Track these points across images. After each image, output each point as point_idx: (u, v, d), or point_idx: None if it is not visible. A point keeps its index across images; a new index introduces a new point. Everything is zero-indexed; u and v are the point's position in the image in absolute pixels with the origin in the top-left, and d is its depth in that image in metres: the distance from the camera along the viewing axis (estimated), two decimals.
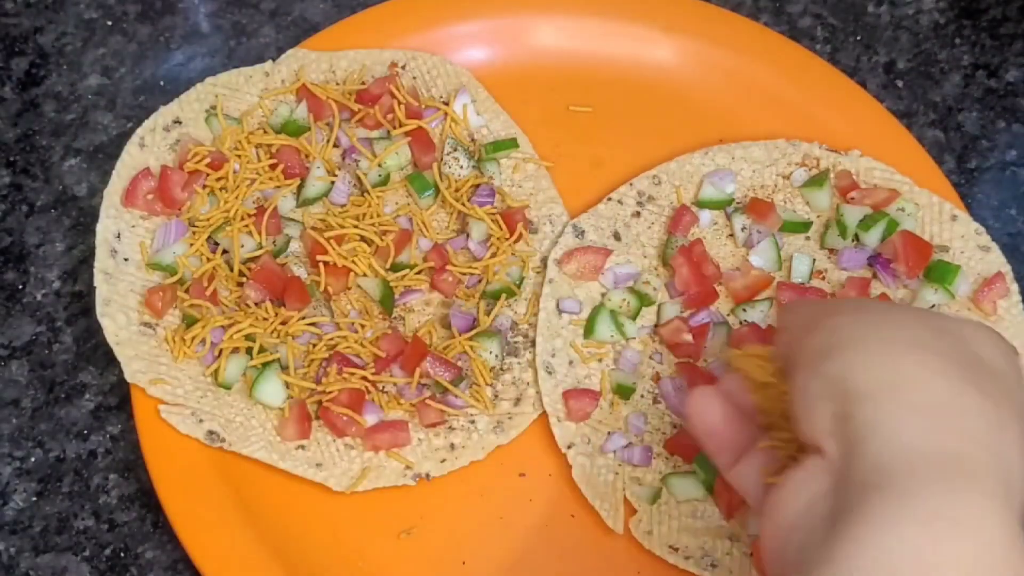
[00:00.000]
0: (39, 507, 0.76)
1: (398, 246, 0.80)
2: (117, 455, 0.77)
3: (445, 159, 0.84)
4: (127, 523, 0.75)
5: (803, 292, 0.79)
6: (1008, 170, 0.91)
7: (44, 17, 0.95)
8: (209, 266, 0.78)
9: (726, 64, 0.89)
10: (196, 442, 0.73)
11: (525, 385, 0.78)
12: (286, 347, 0.76)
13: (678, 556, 0.72)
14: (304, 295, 0.77)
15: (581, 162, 0.87)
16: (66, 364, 0.80)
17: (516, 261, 0.81)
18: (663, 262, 0.81)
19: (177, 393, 0.74)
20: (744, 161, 0.85)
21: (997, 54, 0.96)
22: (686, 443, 0.74)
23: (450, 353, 0.77)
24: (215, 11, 0.96)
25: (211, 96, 0.84)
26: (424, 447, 0.75)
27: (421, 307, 0.80)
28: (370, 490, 0.73)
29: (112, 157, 0.82)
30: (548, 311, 0.79)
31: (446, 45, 0.89)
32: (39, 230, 0.86)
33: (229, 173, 0.81)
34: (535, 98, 0.89)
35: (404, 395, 0.76)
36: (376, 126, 0.85)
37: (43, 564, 0.74)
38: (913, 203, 0.82)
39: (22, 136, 0.90)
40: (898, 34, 0.97)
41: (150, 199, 0.79)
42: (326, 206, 0.82)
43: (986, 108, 0.93)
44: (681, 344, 0.78)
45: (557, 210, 0.84)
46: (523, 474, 0.76)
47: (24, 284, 0.83)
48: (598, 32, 0.91)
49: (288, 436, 0.74)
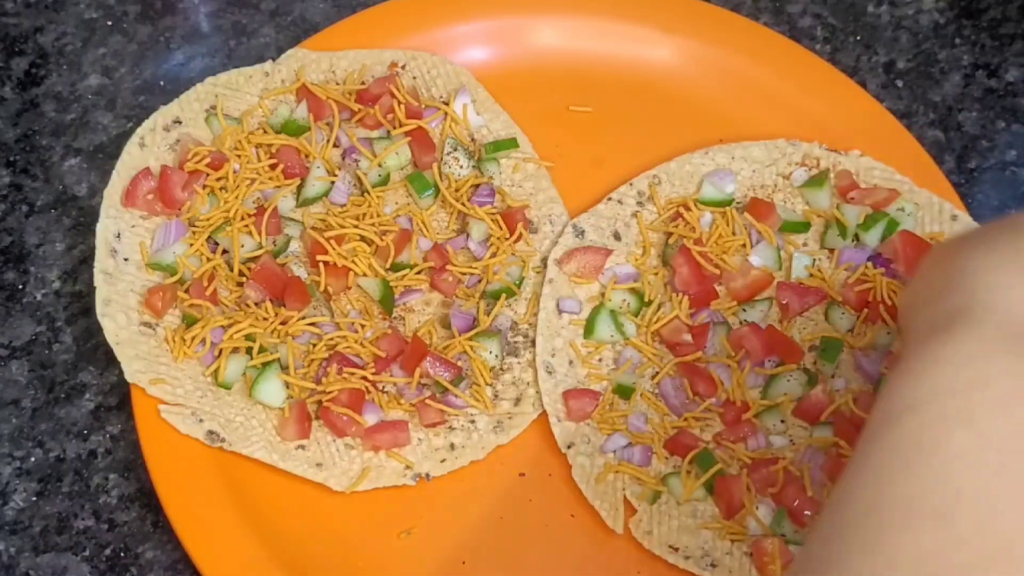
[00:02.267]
0: (39, 507, 0.76)
1: (398, 246, 0.80)
2: (117, 455, 0.77)
3: (445, 159, 0.84)
4: (127, 523, 0.75)
5: (803, 292, 0.79)
6: (1008, 170, 0.91)
7: (44, 17, 0.95)
8: (209, 266, 0.78)
9: (726, 64, 0.89)
10: (196, 442, 0.73)
11: (525, 385, 0.77)
12: (286, 347, 0.76)
13: (678, 556, 0.72)
14: (304, 295, 0.77)
15: (581, 162, 0.87)
16: (66, 364, 0.80)
17: (516, 261, 0.81)
18: (663, 262, 0.81)
19: (177, 393, 0.74)
20: (744, 161, 0.85)
21: (997, 54, 0.96)
22: (686, 443, 0.74)
23: (450, 353, 0.77)
24: (215, 11, 0.96)
25: (211, 96, 0.84)
26: (424, 447, 0.75)
27: (421, 307, 0.80)
28: (370, 490, 0.73)
29: (112, 157, 0.82)
30: (548, 311, 0.79)
31: (446, 45, 0.89)
32: (39, 230, 0.86)
33: (229, 173, 0.81)
34: (535, 98, 0.89)
35: (404, 395, 0.76)
36: (376, 126, 0.85)
37: (43, 564, 0.74)
38: (913, 203, 0.82)
39: (22, 136, 0.90)
40: (898, 34, 0.97)
41: (150, 199, 0.79)
42: (326, 206, 0.82)
43: (986, 108, 0.93)
44: (681, 344, 0.78)
45: (557, 210, 0.84)
46: (523, 474, 0.76)
47: (24, 284, 0.83)
48: (598, 32, 0.91)
49: (288, 436, 0.74)
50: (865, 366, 0.77)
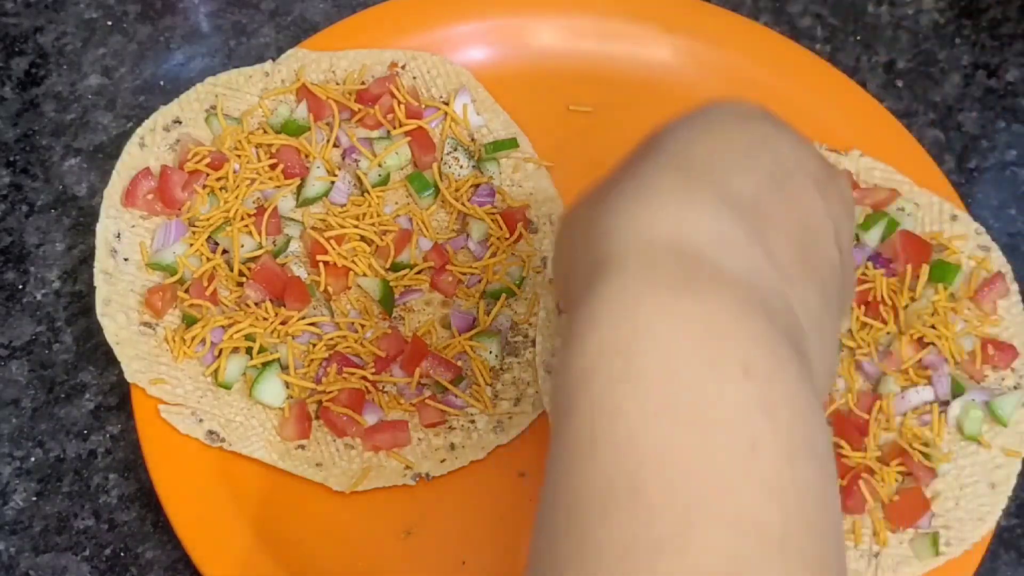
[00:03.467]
0: (39, 507, 0.76)
1: (398, 246, 0.80)
2: (117, 455, 0.77)
3: (445, 159, 0.84)
4: (127, 523, 0.75)
5: None
6: (1008, 170, 0.91)
7: (44, 17, 0.95)
8: (209, 266, 0.78)
9: (726, 64, 0.89)
10: (196, 442, 0.73)
11: (525, 385, 0.78)
12: (286, 347, 0.76)
13: None
14: (304, 295, 0.77)
15: (581, 162, 0.86)
16: (66, 364, 0.80)
17: (516, 261, 0.81)
18: None
19: (177, 393, 0.74)
20: None
21: (997, 54, 0.96)
22: None
23: (450, 353, 0.77)
24: (215, 11, 0.96)
25: (211, 96, 0.84)
26: (424, 447, 0.75)
27: (421, 307, 0.80)
28: (370, 490, 0.73)
29: (112, 157, 0.82)
30: (548, 311, 0.79)
31: (446, 45, 0.89)
32: (39, 230, 0.86)
33: (229, 173, 0.81)
34: (535, 98, 0.88)
35: (404, 395, 0.76)
36: (376, 126, 0.85)
37: (43, 564, 0.74)
38: (913, 203, 0.82)
39: (22, 136, 0.90)
40: (898, 34, 0.97)
41: (150, 199, 0.79)
42: (326, 206, 0.82)
43: (986, 108, 0.93)
44: None
45: (557, 210, 0.84)
46: (523, 474, 0.76)
47: (24, 284, 0.83)
48: (598, 32, 0.90)
49: (288, 436, 0.74)
50: (865, 366, 0.77)
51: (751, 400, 0.42)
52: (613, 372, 0.43)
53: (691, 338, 0.43)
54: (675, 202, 0.48)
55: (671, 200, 0.48)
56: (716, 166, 0.51)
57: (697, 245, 0.46)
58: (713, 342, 0.43)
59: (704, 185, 0.50)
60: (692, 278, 0.45)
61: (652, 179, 0.50)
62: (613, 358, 0.43)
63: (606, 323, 0.44)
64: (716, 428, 0.42)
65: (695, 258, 0.46)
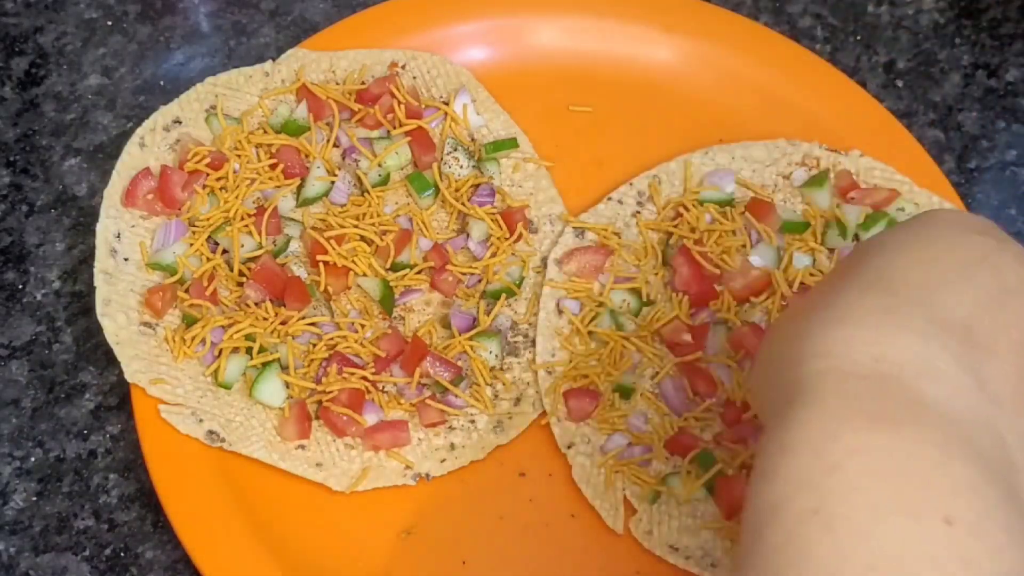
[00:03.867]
0: (39, 507, 0.76)
1: (398, 246, 0.80)
2: (117, 455, 0.77)
3: (445, 159, 0.84)
4: (127, 523, 0.75)
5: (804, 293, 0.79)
6: (1008, 170, 0.91)
7: (44, 17, 0.95)
8: (209, 266, 0.78)
9: (726, 64, 0.89)
10: (196, 442, 0.73)
11: (525, 385, 0.78)
12: (286, 347, 0.76)
13: (678, 556, 0.72)
14: (304, 295, 0.77)
15: (581, 162, 0.87)
16: (66, 364, 0.80)
17: (516, 261, 0.81)
18: (663, 262, 0.81)
19: (177, 393, 0.74)
20: (744, 161, 0.85)
21: (997, 54, 0.96)
22: (686, 443, 0.74)
23: (450, 353, 0.77)
24: (215, 11, 0.96)
25: (211, 96, 0.84)
26: (424, 447, 0.75)
27: (421, 307, 0.80)
28: (370, 490, 0.73)
29: (112, 157, 0.82)
30: (548, 311, 0.79)
31: (446, 45, 0.89)
32: (39, 230, 0.86)
33: (229, 173, 0.81)
34: (535, 98, 0.89)
35: (404, 395, 0.76)
36: (376, 126, 0.85)
37: (43, 564, 0.74)
38: (913, 203, 0.82)
39: (22, 136, 0.90)
40: (898, 34, 0.97)
41: (150, 199, 0.79)
42: (326, 206, 0.82)
43: (986, 108, 0.93)
44: (681, 344, 0.78)
45: (557, 210, 0.84)
46: (523, 474, 0.76)
47: (24, 284, 0.83)
48: (598, 32, 0.91)
49: (288, 436, 0.74)
50: None
51: (952, 555, 0.41)
52: (804, 510, 0.42)
53: (887, 481, 0.42)
54: (876, 326, 0.46)
55: (872, 323, 0.46)
56: (926, 285, 0.49)
57: (899, 373, 0.44)
58: (912, 490, 0.42)
59: (911, 306, 0.47)
60: (890, 410, 0.43)
61: (854, 299, 0.48)
62: (806, 493, 0.42)
63: (798, 454, 0.43)
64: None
65: (895, 388, 0.44)
